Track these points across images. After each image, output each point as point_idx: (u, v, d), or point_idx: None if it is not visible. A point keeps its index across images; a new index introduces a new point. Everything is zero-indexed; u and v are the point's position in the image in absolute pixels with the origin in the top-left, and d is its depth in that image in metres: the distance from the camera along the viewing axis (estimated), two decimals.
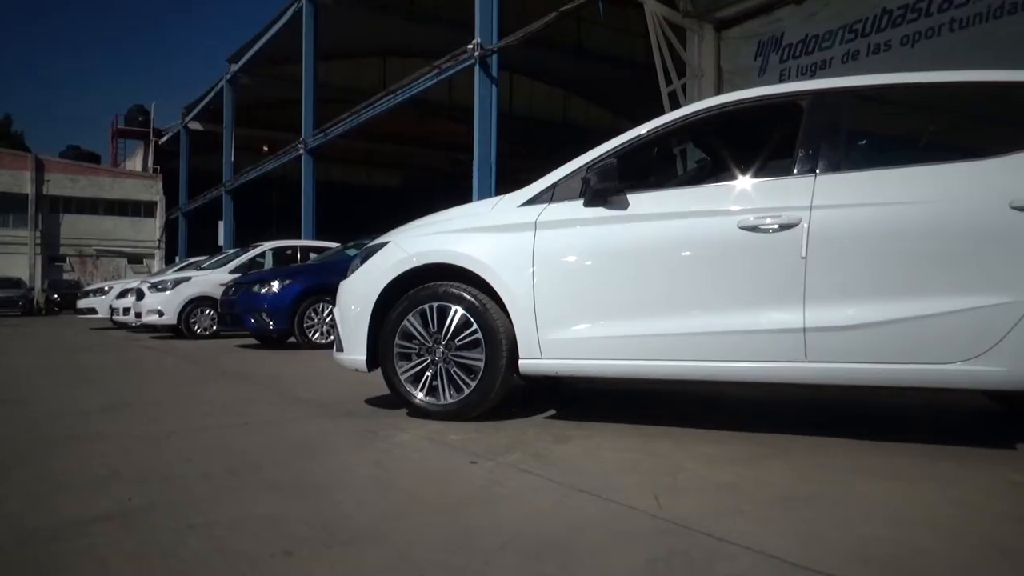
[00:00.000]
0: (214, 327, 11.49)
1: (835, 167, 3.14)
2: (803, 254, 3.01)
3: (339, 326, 3.97)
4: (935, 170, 3.03)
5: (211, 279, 11.67)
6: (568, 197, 3.50)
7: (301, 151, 20.36)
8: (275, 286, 9.14)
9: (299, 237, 18.76)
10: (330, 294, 5.64)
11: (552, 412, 3.94)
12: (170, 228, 38.45)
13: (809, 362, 3.02)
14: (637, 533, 2.01)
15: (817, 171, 3.13)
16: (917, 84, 3.32)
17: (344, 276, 4.07)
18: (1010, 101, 3.12)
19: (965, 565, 1.79)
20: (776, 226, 3.07)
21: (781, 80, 8.51)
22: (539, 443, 3.16)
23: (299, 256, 12.35)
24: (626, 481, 2.55)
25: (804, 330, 3.00)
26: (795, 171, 3.17)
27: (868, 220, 3.00)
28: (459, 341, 3.56)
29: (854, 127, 3.35)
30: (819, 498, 2.35)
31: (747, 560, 1.80)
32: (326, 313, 9.00)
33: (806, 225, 3.03)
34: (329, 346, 6.43)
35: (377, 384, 4.00)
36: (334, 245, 11.95)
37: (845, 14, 8.04)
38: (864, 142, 3.42)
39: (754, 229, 3.10)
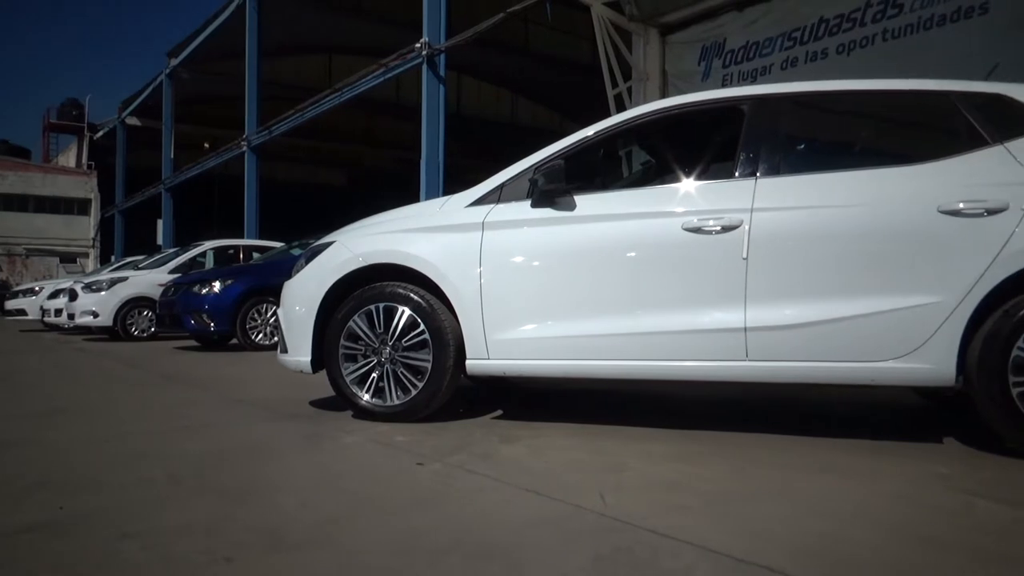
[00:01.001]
0: (152, 329, 11.14)
1: (775, 170, 3.22)
2: (744, 255, 3.09)
3: (283, 327, 3.90)
4: (870, 175, 3.14)
5: (149, 279, 11.32)
6: (516, 198, 3.51)
7: (244, 148, 19.92)
8: (216, 286, 8.93)
9: (242, 236, 18.35)
10: (274, 295, 5.55)
11: (499, 412, 3.94)
12: (105, 226, 37.10)
13: (750, 361, 3.10)
14: (583, 531, 2.03)
15: (758, 174, 3.21)
16: (852, 91, 3.45)
17: (288, 276, 4.00)
18: (938, 109, 3.25)
19: (896, 556, 1.86)
20: (719, 228, 3.14)
21: (724, 85, 8.70)
22: (486, 443, 3.16)
23: (242, 256, 12.08)
24: (572, 480, 2.57)
25: (745, 329, 3.08)
26: (737, 174, 3.25)
27: (806, 222, 3.09)
28: (406, 342, 3.54)
29: (793, 132, 3.46)
30: (759, 494, 2.41)
31: (690, 555, 1.84)
32: (269, 314, 8.84)
33: (747, 227, 3.10)
34: (273, 348, 6.31)
35: (322, 386, 3.94)
36: (278, 245, 11.73)
37: (784, 22, 8.26)
38: (803, 146, 3.53)
39: (697, 231, 3.17)
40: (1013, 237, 2.82)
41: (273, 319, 8.66)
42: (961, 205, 2.90)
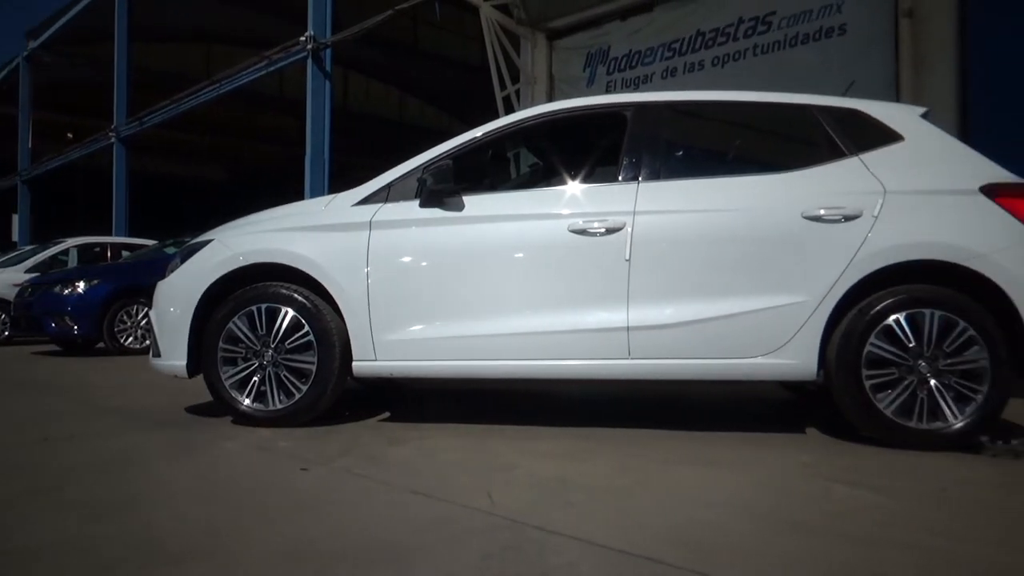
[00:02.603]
0: (6, 332, 10.27)
1: (656, 175, 3.36)
2: (627, 257, 3.20)
3: (156, 330, 3.69)
4: (742, 181, 3.34)
5: (3, 279, 10.43)
6: (404, 197, 3.48)
7: (112, 140, 18.70)
8: (80, 286, 8.33)
9: (110, 234, 17.22)
10: (145, 295, 5.23)
11: (387, 415, 3.89)
12: None
13: (632, 359, 3.21)
14: (471, 531, 2.03)
15: (640, 178, 3.33)
16: (726, 102, 3.66)
17: (162, 276, 3.79)
18: (802, 121, 3.48)
19: (765, 540, 1.98)
20: (603, 230, 3.23)
21: (608, 91, 8.95)
22: (373, 446, 3.11)
23: (110, 254, 11.35)
24: (460, 480, 2.58)
25: (628, 328, 3.19)
26: (620, 178, 3.37)
27: (685, 225, 3.24)
28: (290, 344, 3.43)
29: (673, 138, 3.61)
30: (639, 487, 2.50)
31: (575, 550, 1.88)
32: (141, 316, 8.34)
33: (630, 229, 3.22)
34: (144, 352, 5.96)
35: (199, 391, 3.76)
36: (150, 243, 11.10)
37: (665, 33, 8.60)
38: (682, 153, 3.69)
39: (583, 232, 3.25)
40: (866, 242, 3.07)
41: (145, 321, 8.18)
42: (822, 212, 3.12)
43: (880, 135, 3.31)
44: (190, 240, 3.96)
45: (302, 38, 11.63)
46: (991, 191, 3.09)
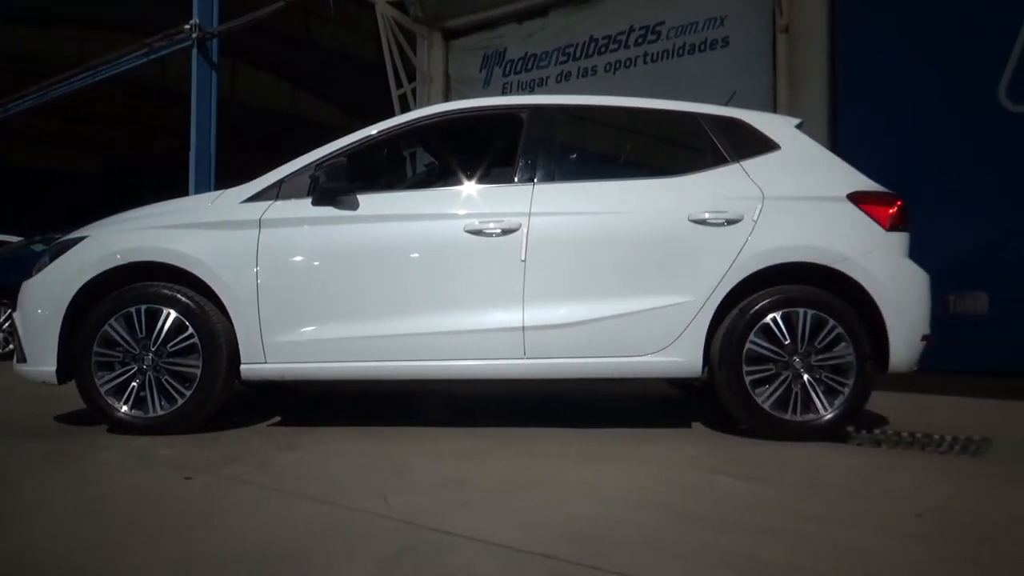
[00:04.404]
0: None
1: (551, 177, 3.42)
2: (523, 257, 3.24)
3: (21, 333, 3.42)
4: (633, 184, 3.46)
5: None
6: (295, 195, 3.39)
7: None
8: None
9: None
10: (8, 296, 4.84)
11: (277, 419, 3.78)
12: None
13: (528, 358, 3.26)
14: (367, 535, 2.00)
15: (535, 180, 3.39)
16: (618, 107, 3.76)
17: (28, 275, 3.52)
18: (689, 128, 3.63)
19: (654, 531, 2.05)
20: (499, 231, 3.26)
21: (504, 93, 9.03)
22: (263, 452, 3.01)
23: None
24: (355, 484, 2.53)
25: (523, 328, 3.23)
26: (516, 179, 3.41)
27: (578, 227, 3.32)
28: (172, 347, 3.27)
29: (568, 141, 3.68)
30: (536, 485, 2.54)
31: (472, 550, 1.89)
32: (3, 318, 7.71)
33: (525, 230, 3.26)
34: (8, 356, 5.53)
35: (70, 399, 3.51)
36: (15, 239, 10.29)
37: (559, 37, 8.76)
38: (576, 155, 3.77)
39: (479, 233, 3.27)
40: (747, 244, 3.24)
41: (8, 324, 7.58)
42: (707, 215, 3.27)
43: (759, 144, 3.50)
44: (61, 237, 3.69)
45: (187, 26, 11.10)
46: (857, 198, 3.33)
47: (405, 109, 9.43)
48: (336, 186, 3.30)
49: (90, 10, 22.52)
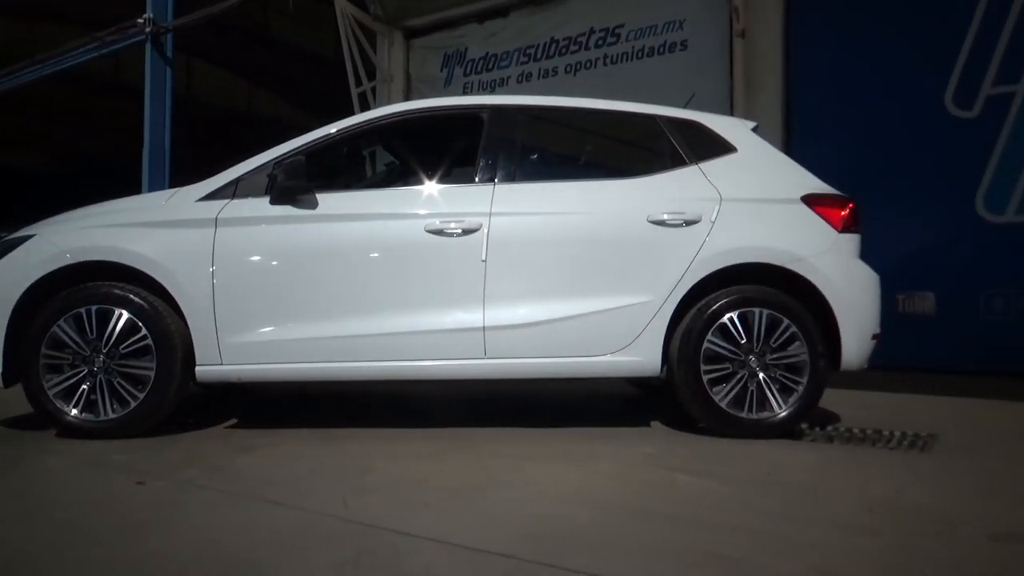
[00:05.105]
0: None
1: (512, 177, 3.43)
2: (483, 257, 3.24)
3: None
4: (593, 185, 3.48)
5: None
6: (253, 193, 3.34)
7: None
8: None
9: None
10: None
11: (234, 421, 3.71)
12: None
13: (488, 358, 3.26)
14: (326, 538, 1.99)
15: (496, 180, 3.39)
16: (579, 108, 3.77)
17: None
18: (648, 130, 3.67)
19: (612, 529, 2.07)
20: (460, 231, 3.26)
21: (465, 93, 9.01)
22: (219, 455, 2.96)
23: None
24: (314, 486, 2.51)
25: (484, 328, 3.23)
26: (477, 179, 3.41)
27: (539, 227, 3.33)
28: (124, 349, 3.19)
29: (529, 142, 3.69)
30: (495, 485, 2.54)
31: (431, 551, 1.89)
32: None
33: (486, 230, 3.26)
34: None
35: (16, 402, 3.41)
36: None
37: (520, 38, 8.77)
38: (537, 156, 3.78)
39: (440, 233, 3.26)
40: (704, 245, 3.29)
41: None
42: (665, 216, 3.31)
43: (717, 146, 3.56)
44: (8, 235, 3.58)
45: (140, 20, 10.85)
46: (810, 200, 3.41)
47: (365, 108, 9.35)
48: (295, 185, 3.26)
49: (40, 2, 21.87)
